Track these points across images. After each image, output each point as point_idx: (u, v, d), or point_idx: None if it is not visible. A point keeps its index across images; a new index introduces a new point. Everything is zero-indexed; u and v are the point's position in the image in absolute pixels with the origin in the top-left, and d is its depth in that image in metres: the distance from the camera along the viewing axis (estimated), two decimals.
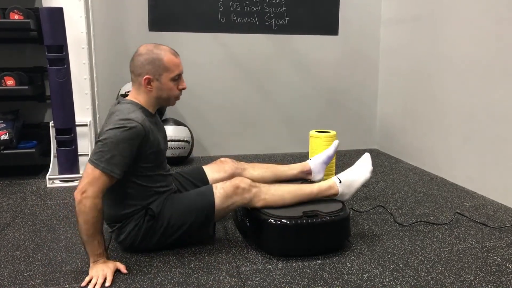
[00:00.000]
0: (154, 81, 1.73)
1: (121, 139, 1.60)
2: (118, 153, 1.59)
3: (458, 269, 1.69)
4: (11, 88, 2.84)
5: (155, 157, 1.75)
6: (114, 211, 1.75)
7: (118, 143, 1.59)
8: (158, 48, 1.75)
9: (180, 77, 1.79)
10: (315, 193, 1.91)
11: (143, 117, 1.68)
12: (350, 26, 3.70)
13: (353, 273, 1.67)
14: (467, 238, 1.98)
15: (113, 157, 1.58)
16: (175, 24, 3.41)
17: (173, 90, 1.78)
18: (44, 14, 2.62)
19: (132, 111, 1.69)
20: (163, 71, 1.73)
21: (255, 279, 1.62)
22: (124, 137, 1.60)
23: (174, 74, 1.75)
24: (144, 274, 1.64)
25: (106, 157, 1.58)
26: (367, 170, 1.97)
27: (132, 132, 1.61)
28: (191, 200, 1.80)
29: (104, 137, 1.61)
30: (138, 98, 1.77)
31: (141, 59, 1.72)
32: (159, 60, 1.72)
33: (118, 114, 1.67)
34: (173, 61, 1.75)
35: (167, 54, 1.74)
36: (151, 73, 1.72)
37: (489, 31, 2.54)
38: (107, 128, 1.63)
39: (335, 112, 3.80)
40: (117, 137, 1.59)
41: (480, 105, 2.63)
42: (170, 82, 1.75)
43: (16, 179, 2.91)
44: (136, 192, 1.74)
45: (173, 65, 1.74)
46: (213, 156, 3.50)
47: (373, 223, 2.16)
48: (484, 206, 2.40)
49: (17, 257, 1.79)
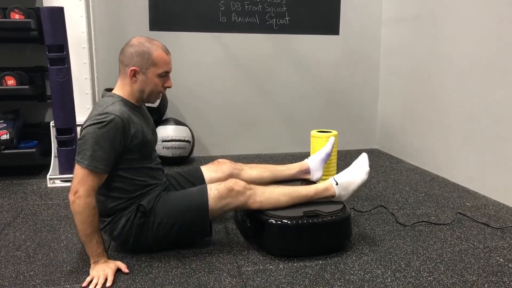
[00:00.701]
0: (140, 74, 1.72)
1: (100, 134, 1.59)
2: (98, 148, 1.59)
3: (460, 270, 1.69)
4: (11, 87, 2.83)
5: (140, 148, 1.73)
6: (101, 205, 1.72)
7: (98, 138, 1.59)
8: (150, 42, 1.74)
9: (167, 74, 1.78)
10: (311, 195, 1.89)
11: (121, 109, 1.66)
12: (351, 26, 3.69)
13: (355, 273, 1.66)
14: (469, 238, 1.98)
15: (94, 153, 1.58)
16: (176, 24, 3.40)
17: (157, 86, 1.76)
18: (45, 14, 2.62)
19: (111, 103, 1.68)
20: (150, 66, 1.71)
21: (257, 279, 1.61)
22: (103, 132, 1.59)
23: (162, 70, 1.73)
24: (145, 274, 1.64)
25: (88, 154, 1.58)
26: (364, 171, 1.94)
27: (111, 125, 1.60)
28: (184, 199, 1.79)
29: (83, 134, 1.61)
30: (122, 90, 1.76)
31: (131, 50, 1.72)
32: (149, 54, 1.71)
33: (97, 108, 1.67)
34: (163, 57, 1.73)
35: (158, 49, 1.73)
36: (138, 65, 1.71)
37: (489, 31, 2.54)
38: (86, 124, 1.63)
39: (335, 112, 3.80)
40: (96, 133, 1.59)
41: (480, 105, 2.62)
42: (156, 78, 1.74)
43: (16, 179, 2.91)
44: (122, 185, 1.72)
45: (162, 61, 1.73)
46: (213, 156, 3.49)
47: (375, 223, 2.16)
48: (485, 206, 2.40)
49: (18, 257, 1.78)
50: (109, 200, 1.73)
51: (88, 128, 1.61)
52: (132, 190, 1.74)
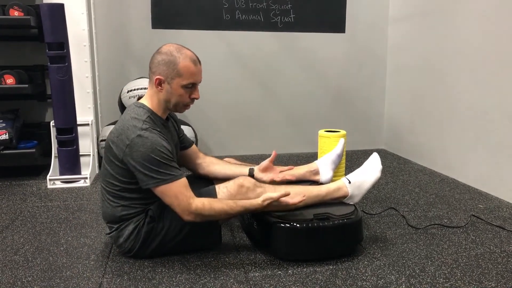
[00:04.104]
0: (165, 84, 1.66)
1: (150, 152, 1.56)
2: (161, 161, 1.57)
3: (478, 275, 1.61)
4: (10, 86, 2.78)
5: None
6: (111, 212, 1.71)
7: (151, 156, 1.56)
8: (179, 52, 1.66)
9: (194, 86, 1.70)
10: (323, 194, 1.83)
11: (147, 127, 1.60)
12: (358, 23, 3.62)
13: (367, 279, 1.59)
14: (484, 242, 1.90)
15: (161, 167, 1.56)
16: (179, 22, 3.34)
17: (182, 97, 1.69)
18: (45, 11, 2.57)
19: (139, 121, 1.62)
20: (175, 76, 1.65)
21: (265, 285, 1.54)
22: (148, 149, 1.56)
23: (187, 82, 1.66)
24: (148, 280, 1.57)
25: (162, 168, 1.56)
26: (377, 170, 1.90)
27: (152, 141, 1.57)
28: None
29: (139, 161, 1.56)
30: (150, 100, 1.71)
31: (159, 57, 1.66)
32: (175, 64, 1.64)
33: (129, 128, 1.60)
34: (189, 68, 1.66)
35: (186, 60, 1.65)
36: (164, 75, 1.65)
37: (503, 25, 2.46)
38: (135, 150, 1.57)
39: (341, 111, 3.73)
40: (147, 153, 1.55)
41: (493, 103, 2.54)
42: (180, 89, 1.67)
43: (15, 180, 2.85)
44: (135, 195, 1.67)
45: (188, 73, 1.65)
46: (217, 156, 3.40)
47: (385, 226, 2.08)
48: (499, 208, 2.32)
49: (16, 262, 1.72)
50: (119, 208, 1.69)
51: (137, 153, 1.56)
52: (145, 201, 1.69)
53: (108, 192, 1.70)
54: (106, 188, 1.71)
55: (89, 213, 2.25)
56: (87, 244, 1.88)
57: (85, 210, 2.30)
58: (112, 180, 1.67)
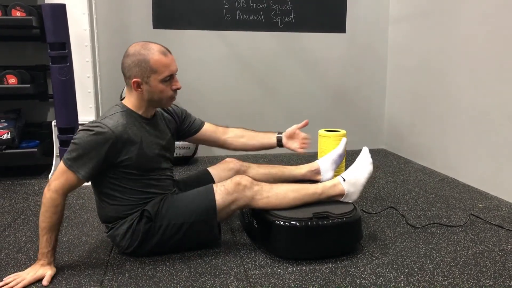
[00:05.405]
0: (143, 84, 1.64)
1: (87, 142, 1.56)
2: (83, 154, 1.56)
3: (476, 274, 1.62)
4: (13, 86, 2.80)
5: (138, 164, 1.66)
6: (103, 212, 1.74)
7: (84, 145, 1.56)
8: (146, 48, 1.63)
9: (172, 77, 1.68)
10: (320, 192, 1.83)
11: (117, 121, 1.61)
12: (358, 23, 3.63)
13: (366, 277, 1.60)
14: (483, 241, 1.91)
15: (79, 157, 1.56)
16: (180, 22, 3.35)
17: (164, 92, 1.68)
18: (47, 11, 2.58)
19: (110, 114, 1.64)
20: (150, 73, 1.63)
21: (265, 283, 1.55)
22: (89, 140, 1.56)
23: (164, 75, 1.64)
24: (149, 278, 1.58)
25: (73, 155, 1.57)
26: (368, 163, 1.90)
27: (98, 137, 1.56)
28: (191, 199, 1.74)
29: (75, 136, 1.59)
30: (129, 101, 1.71)
31: (128, 61, 1.64)
32: (146, 62, 1.62)
33: (100, 116, 1.65)
34: (161, 61, 1.63)
35: (155, 54, 1.63)
36: (139, 76, 1.63)
37: (503, 26, 2.47)
38: (80, 128, 1.61)
39: (342, 111, 3.73)
40: (84, 139, 1.57)
41: (493, 104, 2.55)
42: (160, 84, 1.65)
43: (18, 179, 2.87)
44: (122, 195, 1.68)
45: (161, 66, 1.63)
46: (218, 156, 3.44)
47: (385, 225, 2.09)
48: (498, 208, 2.33)
49: (18, 260, 1.73)
50: (109, 208, 1.71)
51: (80, 132, 1.59)
52: (133, 200, 1.70)
53: (96, 192, 1.73)
54: (94, 188, 1.74)
55: (90, 212, 2.27)
56: (88, 243, 1.89)
57: (86, 209, 2.32)
58: (96, 180, 1.69)
